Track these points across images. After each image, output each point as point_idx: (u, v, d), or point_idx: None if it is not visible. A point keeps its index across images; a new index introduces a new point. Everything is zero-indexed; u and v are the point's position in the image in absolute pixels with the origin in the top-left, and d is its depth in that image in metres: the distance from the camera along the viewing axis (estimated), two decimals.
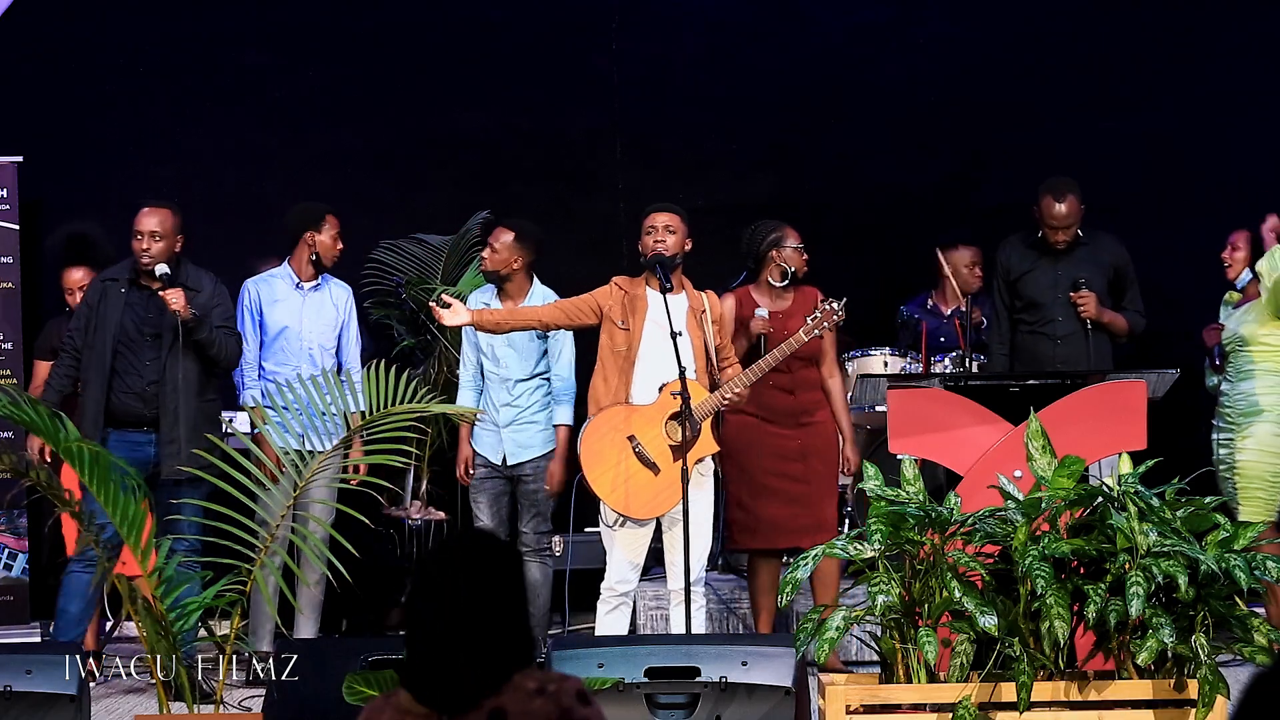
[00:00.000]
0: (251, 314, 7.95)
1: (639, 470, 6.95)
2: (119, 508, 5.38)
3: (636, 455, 6.97)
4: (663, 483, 6.94)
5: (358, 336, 8.07)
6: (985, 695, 5.54)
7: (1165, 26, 9.48)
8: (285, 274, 8.00)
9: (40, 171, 8.98)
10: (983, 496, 6.09)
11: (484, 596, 3.19)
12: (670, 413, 6.93)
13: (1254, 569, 5.56)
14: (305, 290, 7.98)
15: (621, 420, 6.99)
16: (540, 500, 7.75)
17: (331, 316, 7.99)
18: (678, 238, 7.15)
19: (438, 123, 9.52)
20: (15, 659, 5.67)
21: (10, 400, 5.46)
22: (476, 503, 7.81)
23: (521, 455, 7.76)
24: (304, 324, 7.93)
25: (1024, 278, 7.89)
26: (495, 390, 7.75)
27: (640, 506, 6.98)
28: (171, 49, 9.46)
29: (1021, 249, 7.95)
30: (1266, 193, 8.98)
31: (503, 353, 7.73)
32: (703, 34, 9.65)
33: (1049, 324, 7.86)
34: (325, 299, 8.00)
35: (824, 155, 9.57)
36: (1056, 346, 7.83)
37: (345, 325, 8.02)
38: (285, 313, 7.94)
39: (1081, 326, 7.79)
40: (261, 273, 8.03)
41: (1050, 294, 7.85)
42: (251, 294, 7.97)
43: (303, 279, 7.98)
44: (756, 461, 7.50)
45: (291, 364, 7.84)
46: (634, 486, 6.98)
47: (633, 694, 5.53)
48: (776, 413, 7.48)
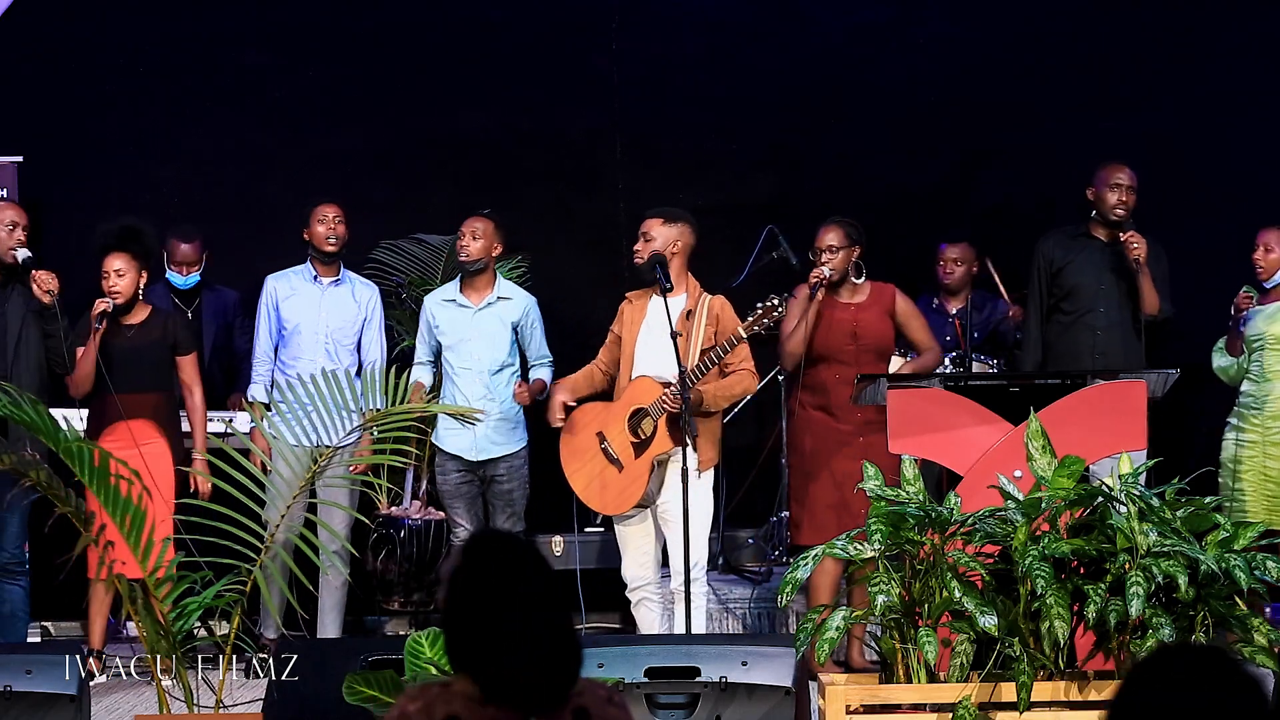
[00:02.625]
0: (268, 309, 8.09)
1: (606, 467, 7.10)
2: (119, 508, 5.38)
3: (604, 452, 7.09)
4: (625, 480, 7.05)
5: (380, 337, 8.14)
6: (985, 695, 5.54)
7: (1165, 26, 9.47)
8: (304, 269, 8.13)
9: (40, 171, 8.98)
10: (983, 496, 6.09)
11: (549, 591, 3.15)
12: (633, 409, 7.02)
13: (1254, 569, 5.56)
14: (325, 285, 8.08)
15: (594, 418, 7.17)
16: (515, 499, 7.79)
17: (352, 313, 8.08)
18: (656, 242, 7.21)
19: (438, 123, 9.52)
20: (15, 659, 5.68)
21: (10, 400, 5.47)
22: (454, 509, 7.81)
23: (493, 451, 7.77)
24: (320, 318, 8.01)
25: (1067, 267, 7.85)
26: (469, 384, 7.73)
27: (607, 503, 7.16)
28: (171, 49, 9.45)
29: (1065, 240, 7.92)
30: (1267, 193, 8.98)
31: (473, 346, 7.75)
32: (703, 34, 9.65)
33: (1089, 314, 7.83)
34: (346, 295, 8.10)
35: (824, 155, 9.57)
36: (1097, 337, 7.80)
37: (367, 324, 8.10)
38: (301, 307, 8.05)
39: (1123, 318, 7.77)
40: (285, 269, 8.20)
41: (1094, 284, 7.82)
42: (269, 289, 8.12)
43: (321, 274, 8.05)
44: (818, 456, 7.47)
45: (306, 357, 7.91)
46: (603, 483, 7.13)
47: (633, 694, 5.53)
48: (841, 406, 7.46)
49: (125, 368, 7.61)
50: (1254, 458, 7.63)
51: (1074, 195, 8.54)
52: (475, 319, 7.78)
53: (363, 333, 8.10)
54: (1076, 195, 8.65)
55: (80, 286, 7.98)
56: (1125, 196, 7.80)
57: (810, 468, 7.47)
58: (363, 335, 8.10)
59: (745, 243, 8.58)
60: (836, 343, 7.33)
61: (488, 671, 3.08)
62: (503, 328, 7.77)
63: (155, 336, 7.72)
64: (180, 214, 8.90)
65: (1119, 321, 7.79)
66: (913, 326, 7.57)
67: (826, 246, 7.47)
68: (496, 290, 7.81)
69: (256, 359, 8.06)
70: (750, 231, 8.60)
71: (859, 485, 5.96)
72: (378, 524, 8.43)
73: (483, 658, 3.08)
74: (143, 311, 7.75)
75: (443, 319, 7.82)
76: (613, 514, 7.15)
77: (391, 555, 8.44)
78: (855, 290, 7.53)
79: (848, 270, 7.50)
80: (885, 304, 7.49)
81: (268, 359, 8.05)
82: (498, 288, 7.83)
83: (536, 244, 9.07)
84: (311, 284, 8.08)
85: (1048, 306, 7.91)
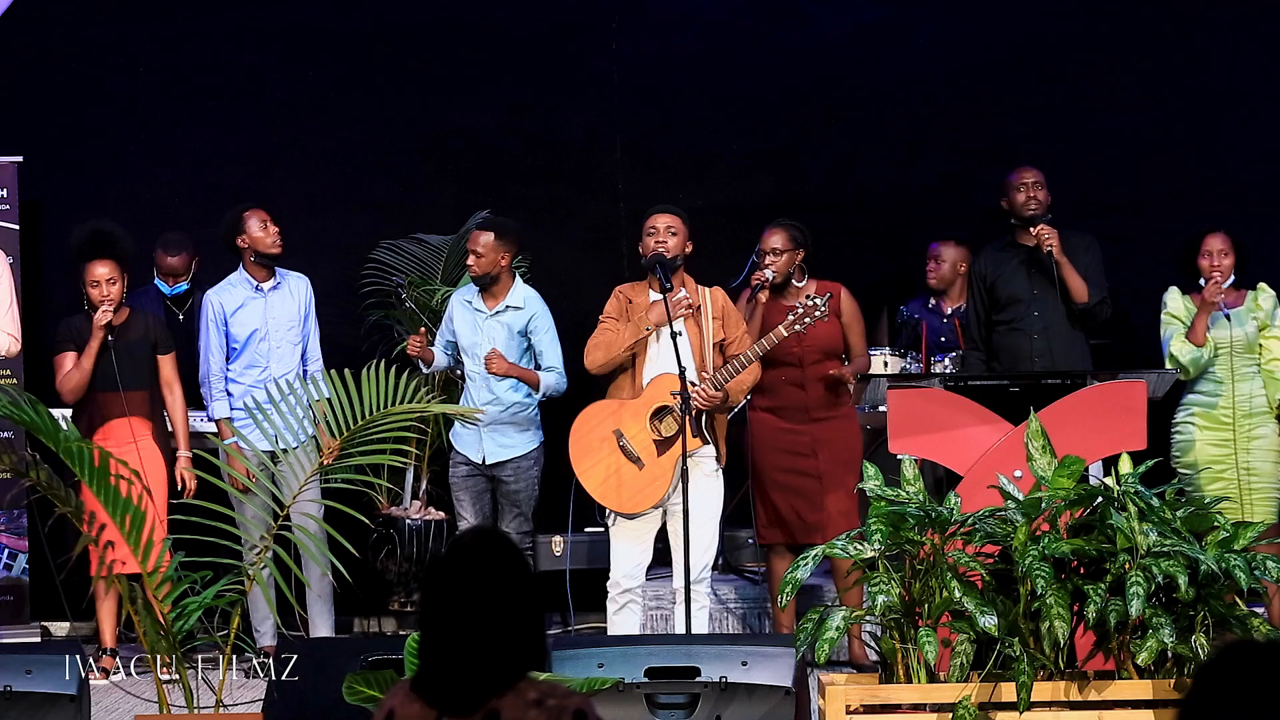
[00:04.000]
0: (216, 325, 7.99)
1: (624, 465, 7.05)
2: (119, 508, 5.38)
3: (622, 450, 7.04)
4: (646, 478, 7.02)
5: (315, 325, 8.12)
6: (985, 695, 5.54)
7: (1165, 26, 9.47)
8: (242, 279, 8.07)
9: (40, 171, 8.98)
10: (983, 496, 6.09)
11: (493, 595, 3.17)
12: (655, 407, 7.00)
13: (1254, 569, 5.57)
14: (265, 291, 8.05)
15: (609, 415, 7.09)
16: (522, 500, 7.79)
17: (294, 310, 8.06)
18: (679, 239, 7.18)
19: (438, 123, 9.51)
20: (15, 659, 5.68)
21: (10, 400, 5.46)
22: (459, 500, 7.85)
23: (501, 455, 7.78)
24: (269, 324, 7.99)
25: (999, 281, 7.96)
26: (476, 389, 7.76)
27: (624, 501, 7.08)
28: (171, 49, 9.45)
29: (993, 254, 8.04)
30: (1266, 193, 8.98)
31: (481, 351, 7.75)
32: (703, 34, 9.64)
33: (1024, 320, 7.90)
34: (286, 294, 8.08)
35: (824, 155, 9.57)
36: (1034, 341, 7.87)
37: (306, 315, 8.09)
38: (251, 317, 8.01)
39: (1058, 318, 7.84)
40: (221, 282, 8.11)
41: (1025, 291, 7.89)
42: (214, 305, 8.02)
43: (259, 280, 8.04)
44: (769, 457, 7.54)
45: (261, 365, 7.91)
46: (619, 481, 7.06)
47: (633, 694, 5.53)
48: (787, 408, 7.51)
49: (111, 367, 7.67)
50: (1230, 455, 7.66)
51: (1073, 195, 8.56)
52: (486, 325, 7.79)
53: (305, 324, 8.10)
54: (1077, 195, 8.67)
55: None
56: (1033, 193, 7.91)
57: (762, 468, 7.59)
58: (305, 325, 8.10)
59: (745, 243, 8.57)
60: (783, 345, 7.33)
61: (418, 666, 3.26)
62: (510, 336, 7.76)
63: (137, 336, 7.80)
64: (180, 214, 8.90)
65: (1055, 322, 7.89)
66: (853, 330, 7.61)
67: (771, 249, 7.49)
68: (509, 298, 7.79)
69: (214, 376, 7.99)
70: (750, 231, 8.60)
71: (858, 485, 5.97)
72: (378, 524, 8.43)
73: (419, 653, 3.26)
74: (123, 312, 7.81)
75: (460, 320, 7.83)
76: (629, 512, 7.10)
77: (391, 555, 8.44)
78: (799, 293, 7.53)
79: (791, 273, 7.52)
80: (831, 306, 7.44)
81: (222, 374, 8.01)
82: (511, 296, 7.79)
83: (536, 244, 9.07)
84: (255, 293, 8.03)
85: (989, 320, 7.99)
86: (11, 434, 8.36)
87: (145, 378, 7.79)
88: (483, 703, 3.16)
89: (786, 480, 7.53)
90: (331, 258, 8.98)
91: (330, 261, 8.91)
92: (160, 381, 7.84)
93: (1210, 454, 7.71)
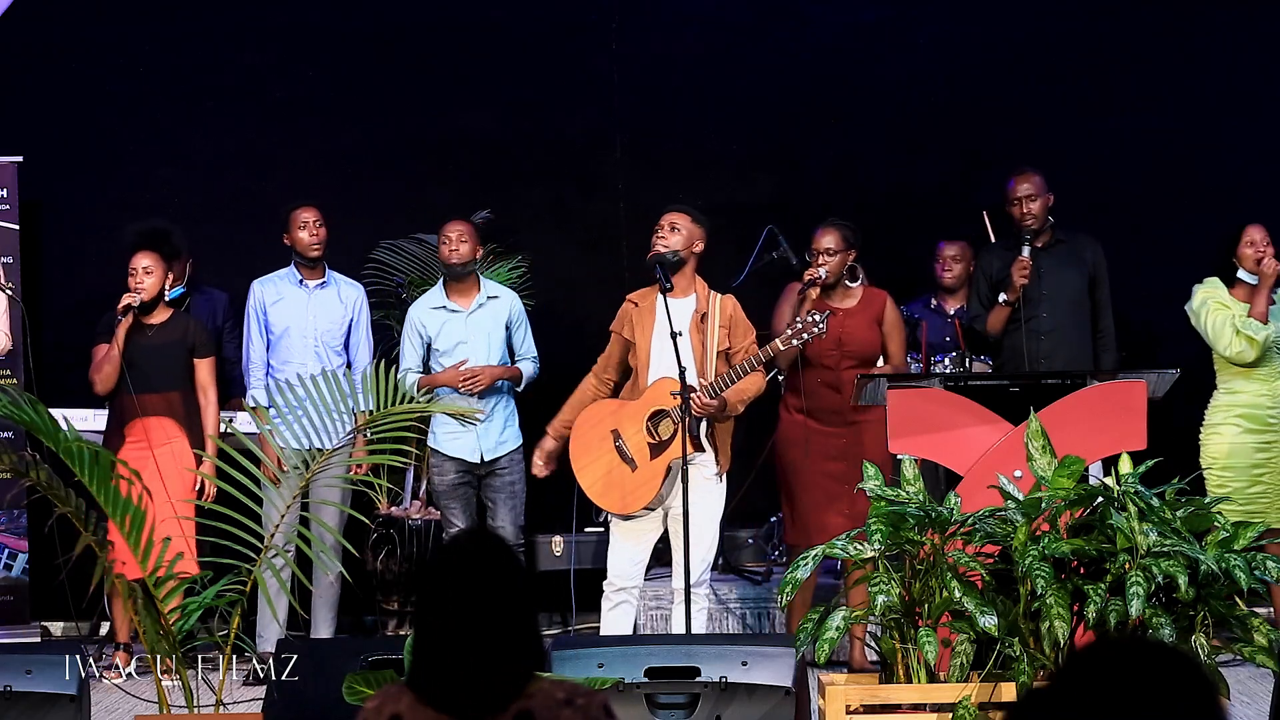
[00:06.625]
0: (257, 314, 8.08)
1: (619, 465, 7.05)
2: (119, 508, 5.38)
3: (617, 450, 7.04)
4: (637, 480, 7.01)
5: (368, 337, 8.15)
6: (985, 695, 5.54)
7: (1165, 26, 9.47)
8: (289, 273, 8.14)
9: (40, 171, 8.98)
10: (983, 496, 6.09)
11: (501, 595, 3.15)
12: (653, 410, 6.99)
13: (1254, 569, 5.56)
14: (310, 288, 8.09)
15: (608, 415, 7.11)
16: (518, 492, 7.83)
17: (339, 315, 8.09)
18: (681, 236, 7.16)
19: (438, 123, 9.52)
20: (15, 659, 5.68)
21: (10, 400, 5.46)
22: (450, 509, 7.87)
23: (498, 450, 7.86)
24: (308, 321, 8.02)
25: (1007, 279, 7.94)
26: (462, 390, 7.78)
27: (615, 502, 7.08)
28: (171, 49, 9.45)
29: (1001, 253, 8.05)
30: (1267, 193, 8.98)
31: (468, 349, 7.76)
32: (703, 34, 9.65)
33: (1032, 320, 7.91)
34: (332, 297, 8.11)
35: (824, 155, 9.57)
36: (1040, 342, 7.88)
37: (355, 325, 8.11)
38: (289, 310, 8.06)
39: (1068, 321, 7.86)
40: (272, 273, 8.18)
41: (1033, 291, 7.90)
42: (256, 294, 8.11)
43: (306, 277, 8.06)
44: (802, 459, 7.53)
45: (295, 361, 7.92)
46: (612, 482, 7.07)
47: (633, 694, 5.53)
48: (822, 411, 7.50)
49: (147, 366, 7.69)
50: (1274, 459, 7.65)
51: (1073, 195, 8.55)
52: (469, 321, 7.80)
53: (350, 333, 8.12)
54: (1077, 195, 8.66)
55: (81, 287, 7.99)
56: (1027, 207, 7.95)
57: (793, 469, 7.59)
58: (350, 336, 8.12)
59: (745, 243, 8.57)
60: (821, 347, 7.33)
61: (417, 674, 3.17)
62: (497, 327, 7.82)
63: (176, 337, 7.84)
64: (180, 214, 8.90)
65: (1063, 324, 7.92)
66: (892, 338, 7.63)
67: (824, 249, 7.49)
68: (484, 290, 7.85)
69: (253, 363, 8.06)
70: (750, 231, 8.60)
71: (858, 485, 5.97)
72: (378, 524, 8.43)
73: (416, 661, 3.18)
74: (164, 312, 7.87)
75: (434, 325, 7.84)
76: (618, 513, 7.11)
77: (391, 555, 8.44)
78: (847, 294, 7.54)
79: (842, 274, 7.52)
80: (875, 311, 7.51)
81: (263, 362, 8.06)
82: (484, 288, 7.87)
83: (536, 244, 9.07)
84: (298, 288, 8.09)
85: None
86: (11, 434, 8.36)
87: (178, 379, 7.81)
88: (505, 705, 3.12)
89: (819, 483, 7.51)
90: (331, 257, 8.97)
91: (330, 261, 8.90)
92: (196, 384, 7.86)
93: (1255, 458, 7.69)
